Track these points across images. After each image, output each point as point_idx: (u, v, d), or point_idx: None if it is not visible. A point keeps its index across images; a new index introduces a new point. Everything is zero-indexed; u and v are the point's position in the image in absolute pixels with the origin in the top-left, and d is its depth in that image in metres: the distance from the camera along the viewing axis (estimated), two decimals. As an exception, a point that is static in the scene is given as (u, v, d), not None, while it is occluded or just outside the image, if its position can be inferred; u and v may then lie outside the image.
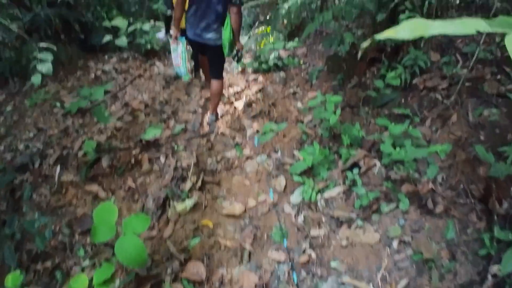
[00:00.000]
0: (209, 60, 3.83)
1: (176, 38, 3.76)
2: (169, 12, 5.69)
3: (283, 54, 6.15)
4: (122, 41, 6.01)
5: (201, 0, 3.32)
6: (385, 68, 3.68)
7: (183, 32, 3.84)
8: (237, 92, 4.63)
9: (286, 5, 6.52)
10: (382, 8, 3.40)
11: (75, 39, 6.17)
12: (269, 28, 8.54)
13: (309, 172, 2.99)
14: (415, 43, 3.46)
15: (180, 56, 3.88)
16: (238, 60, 3.89)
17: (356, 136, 3.07)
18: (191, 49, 4.34)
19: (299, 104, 4.15)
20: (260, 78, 4.99)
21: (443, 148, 2.54)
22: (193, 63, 5.09)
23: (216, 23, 3.41)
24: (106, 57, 6.11)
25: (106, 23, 6.39)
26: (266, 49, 5.34)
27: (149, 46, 5.96)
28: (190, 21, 3.49)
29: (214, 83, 3.81)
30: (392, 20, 3.34)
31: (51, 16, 5.78)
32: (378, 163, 2.92)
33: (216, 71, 3.80)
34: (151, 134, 3.88)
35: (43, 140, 4.06)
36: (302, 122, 3.77)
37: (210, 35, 3.46)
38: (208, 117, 4.04)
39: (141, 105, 4.43)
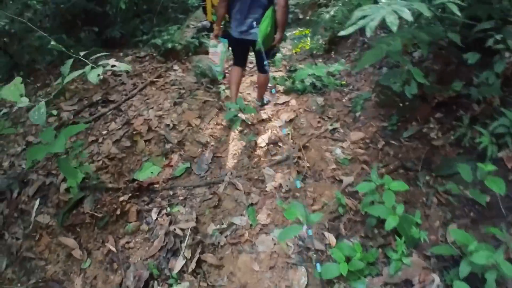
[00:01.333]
0: (256, 56, 3.71)
1: (216, 36, 3.77)
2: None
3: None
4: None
5: None
6: (463, 129, 2.69)
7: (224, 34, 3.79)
8: (262, 121, 3.74)
9: (331, 11, 5.48)
10: (471, 44, 2.39)
11: (90, 32, 5.47)
12: (308, 31, 7.54)
13: (342, 278, 2.12)
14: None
15: (219, 56, 3.92)
16: (273, 56, 3.82)
17: (413, 237, 2.16)
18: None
19: (338, 151, 3.22)
20: (293, 101, 4.06)
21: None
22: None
23: (262, 17, 3.24)
24: (121, 54, 5.37)
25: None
26: (304, 73, 4.36)
27: (169, 45, 5.14)
28: (236, 18, 3.38)
29: (261, 77, 3.82)
30: (485, 63, 2.33)
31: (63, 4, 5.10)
32: (437, 279, 2.01)
33: (263, 65, 3.54)
34: (147, 172, 3.15)
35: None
36: (341, 181, 2.86)
37: (256, 30, 3.29)
38: (255, 103, 4.12)
39: (143, 127, 3.65)
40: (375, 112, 3.72)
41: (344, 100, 4.29)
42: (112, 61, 2.53)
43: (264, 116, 3.79)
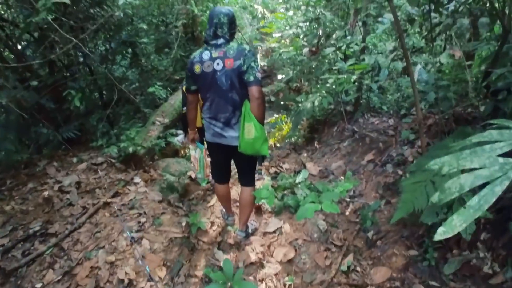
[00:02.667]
0: (237, 165, 3.05)
1: (193, 141, 3.30)
2: (184, 109, 4.14)
3: (314, 170, 4.49)
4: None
5: (211, 90, 2.66)
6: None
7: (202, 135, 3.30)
8: (250, 264, 2.88)
9: (312, 99, 4.94)
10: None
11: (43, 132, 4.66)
12: (284, 117, 7.08)
13: None
14: None
15: (197, 161, 3.49)
16: (262, 161, 3.47)
17: None
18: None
19: None
20: (287, 227, 3.25)
21: None
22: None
23: (235, 116, 2.70)
24: (75, 159, 4.53)
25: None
26: (309, 211, 3.61)
27: (131, 149, 4.36)
28: (206, 118, 2.83)
29: (246, 192, 3.02)
30: None
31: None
32: None
33: (248, 176, 3.05)
34: None
35: None
36: None
37: (232, 133, 2.74)
38: (236, 234, 3.22)
39: (90, 281, 2.72)
40: (394, 232, 2.97)
41: (347, 213, 3.56)
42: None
43: (253, 257, 2.92)
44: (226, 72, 2.55)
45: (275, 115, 8.11)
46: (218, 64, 2.57)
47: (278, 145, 6.68)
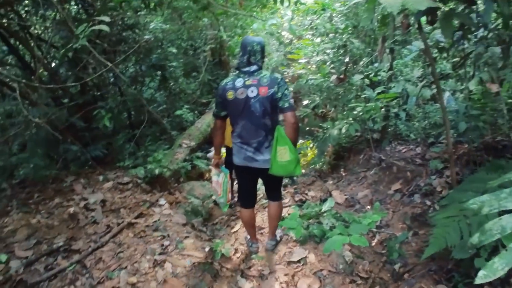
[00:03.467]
0: (266, 184, 3.17)
1: (217, 166, 3.23)
2: None
3: (339, 199, 4.40)
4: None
5: (243, 116, 2.74)
6: None
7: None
8: None
9: (339, 125, 4.88)
10: None
11: (71, 150, 4.75)
12: (308, 142, 7.01)
13: None
14: None
15: (221, 186, 3.27)
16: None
17: None
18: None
19: None
20: (311, 257, 3.15)
21: None
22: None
23: (267, 140, 2.80)
24: (101, 178, 4.59)
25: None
26: (337, 244, 3.53)
27: (157, 171, 4.38)
28: (238, 143, 2.89)
29: (274, 206, 3.21)
30: None
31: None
32: None
33: (276, 192, 3.20)
34: None
35: None
36: None
37: (263, 157, 2.83)
38: (266, 243, 3.37)
39: (111, 303, 2.70)
40: (422, 265, 2.84)
41: (373, 244, 3.44)
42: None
43: (276, 287, 2.84)
44: (260, 99, 2.66)
45: (300, 141, 8.05)
46: (252, 91, 2.67)
47: (303, 171, 6.59)
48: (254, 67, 2.71)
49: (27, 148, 4.41)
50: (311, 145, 7.60)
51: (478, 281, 1.10)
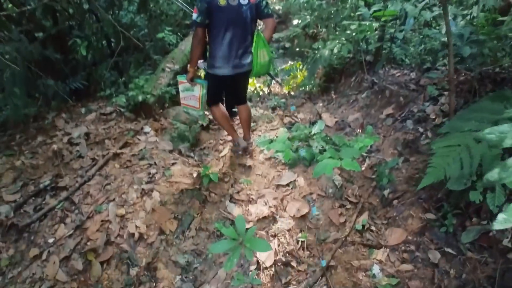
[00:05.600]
0: (239, 87, 3.43)
1: (192, 79, 3.22)
2: None
3: (330, 122, 4.29)
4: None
5: (236, 22, 2.91)
6: None
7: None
8: (262, 218, 2.80)
9: (330, 45, 4.62)
10: None
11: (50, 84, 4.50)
12: (299, 64, 6.74)
13: None
14: None
15: (199, 99, 3.34)
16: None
17: None
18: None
19: (376, 270, 2.30)
20: (301, 180, 3.12)
21: None
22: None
23: (251, 44, 3.07)
24: (83, 110, 4.42)
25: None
26: (328, 167, 3.45)
27: (140, 98, 4.19)
28: (225, 53, 2.99)
29: (245, 108, 3.55)
30: None
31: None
32: None
33: (244, 96, 3.54)
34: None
35: None
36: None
37: (248, 59, 3.12)
38: (240, 143, 3.60)
39: (100, 235, 2.68)
40: (411, 192, 2.82)
41: (363, 169, 3.40)
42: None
43: (265, 210, 2.83)
44: (251, 6, 2.91)
45: (290, 62, 7.78)
46: None
47: (293, 93, 6.43)
48: None
49: (4, 90, 4.17)
50: (301, 67, 7.36)
51: (497, 226, 1.00)
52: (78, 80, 4.65)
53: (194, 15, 2.84)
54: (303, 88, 6.63)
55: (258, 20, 3.17)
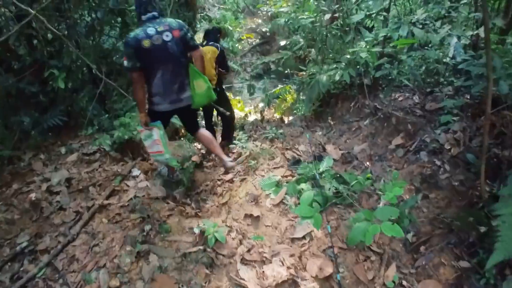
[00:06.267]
0: (186, 119, 3.54)
1: (146, 124, 3.19)
2: None
3: (335, 154, 3.99)
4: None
5: (164, 60, 2.99)
6: None
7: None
8: (281, 283, 2.37)
9: (328, 71, 4.36)
10: None
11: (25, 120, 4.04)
12: (288, 87, 6.52)
13: None
14: None
15: (160, 142, 3.23)
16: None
17: None
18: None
19: None
20: (317, 231, 2.77)
21: None
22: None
23: (187, 77, 3.17)
24: (63, 149, 3.97)
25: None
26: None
27: (126, 136, 3.79)
28: (160, 90, 3.09)
29: (202, 133, 3.51)
30: None
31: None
32: None
33: (196, 123, 3.60)
34: None
35: None
36: None
37: (187, 93, 3.20)
38: (225, 164, 3.48)
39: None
40: (438, 236, 2.56)
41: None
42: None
43: (283, 272, 2.44)
44: (176, 41, 2.97)
45: (279, 86, 7.53)
46: (167, 36, 2.94)
47: (286, 121, 6.13)
48: (155, 13, 2.95)
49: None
50: (290, 90, 7.13)
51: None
52: (57, 115, 4.20)
53: (125, 62, 2.91)
54: (295, 112, 6.36)
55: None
